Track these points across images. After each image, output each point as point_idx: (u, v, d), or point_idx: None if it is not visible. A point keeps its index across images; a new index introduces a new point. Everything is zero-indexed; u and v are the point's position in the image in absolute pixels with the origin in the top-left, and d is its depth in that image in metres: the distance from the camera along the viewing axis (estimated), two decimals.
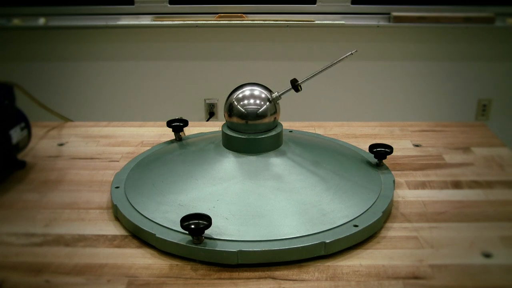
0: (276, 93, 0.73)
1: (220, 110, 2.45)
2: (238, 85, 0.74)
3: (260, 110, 0.72)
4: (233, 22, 2.33)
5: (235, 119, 0.72)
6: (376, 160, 0.76)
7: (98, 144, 0.89)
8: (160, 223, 0.61)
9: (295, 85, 0.72)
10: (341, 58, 0.72)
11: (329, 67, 0.73)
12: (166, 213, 0.62)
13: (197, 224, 0.56)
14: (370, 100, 2.41)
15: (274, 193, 0.65)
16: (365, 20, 2.35)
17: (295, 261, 0.57)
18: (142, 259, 0.58)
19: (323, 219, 0.61)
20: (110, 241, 0.62)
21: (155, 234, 0.59)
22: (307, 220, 0.61)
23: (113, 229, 0.64)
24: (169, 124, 0.85)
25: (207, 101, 2.44)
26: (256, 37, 2.39)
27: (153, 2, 2.35)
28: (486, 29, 2.31)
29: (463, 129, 0.95)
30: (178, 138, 0.85)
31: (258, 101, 0.72)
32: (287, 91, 0.73)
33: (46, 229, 0.64)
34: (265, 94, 0.73)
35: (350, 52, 0.73)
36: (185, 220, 0.57)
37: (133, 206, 0.65)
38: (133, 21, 2.34)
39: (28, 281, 0.55)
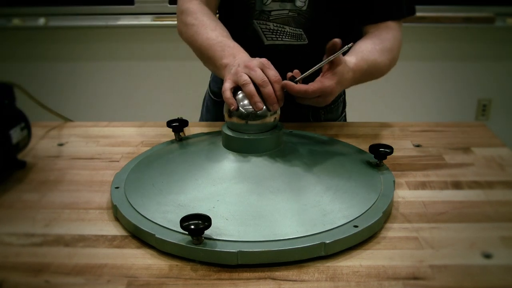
0: None
1: None
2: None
3: (260, 111, 0.71)
4: None
5: (235, 119, 0.72)
6: (376, 161, 0.76)
7: (98, 144, 0.89)
8: (160, 224, 0.61)
9: (295, 82, 0.72)
10: (337, 53, 0.72)
11: (325, 62, 0.73)
12: (166, 214, 0.62)
13: (197, 224, 0.56)
14: (370, 100, 2.41)
15: (274, 194, 0.65)
16: None
17: (295, 262, 0.57)
18: (142, 260, 0.58)
19: (323, 220, 0.61)
20: (110, 241, 0.62)
21: (155, 235, 0.59)
22: (307, 221, 0.61)
23: (113, 229, 0.64)
24: (169, 124, 0.85)
25: None
26: None
27: (153, 2, 2.35)
28: (486, 29, 2.31)
29: (463, 129, 0.95)
30: (178, 138, 0.85)
31: None
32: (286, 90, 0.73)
33: (46, 229, 0.64)
34: None
35: (347, 46, 0.73)
36: (185, 221, 0.57)
37: (133, 207, 0.65)
38: (133, 21, 2.34)
39: (28, 281, 0.55)
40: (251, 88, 0.70)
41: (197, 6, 0.92)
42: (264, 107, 0.71)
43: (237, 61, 0.76)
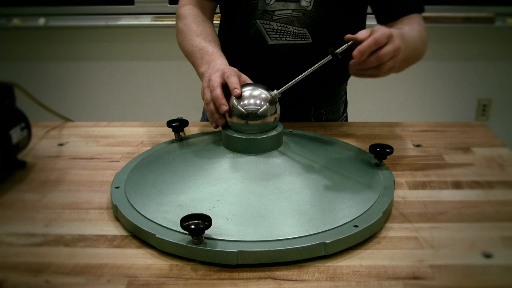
0: (275, 91, 0.73)
1: None
2: None
3: (260, 110, 0.72)
4: None
5: (235, 119, 0.72)
6: (376, 160, 0.76)
7: (98, 144, 0.89)
8: (160, 223, 0.61)
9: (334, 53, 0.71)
10: (338, 50, 0.72)
11: (320, 65, 0.73)
12: (166, 213, 0.62)
13: (197, 224, 0.56)
14: (371, 100, 2.41)
15: (274, 193, 0.65)
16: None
17: (295, 262, 0.57)
18: (142, 259, 0.58)
19: (323, 220, 0.61)
20: (110, 241, 0.62)
21: (155, 234, 0.59)
22: (307, 220, 0.61)
23: (113, 229, 0.64)
24: (169, 124, 0.85)
25: None
26: None
27: (153, 2, 2.35)
28: (486, 29, 2.31)
29: (463, 129, 0.95)
30: (178, 138, 0.85)
31: (258, 101, 0.72)
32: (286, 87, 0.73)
33: (46, 229, 0.64)
34: (265, 94, 0.73)
35: (346, 44, 0.73)
36: (185, 220, 0.57)
37: (133, 206, 0.65)
38: (133, 21, 2.34)
39: (28, 281, 0.55)
40: (210, 107, 0.75)
41: (189, 11, 0.94)
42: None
43: (210, 70, 0.80)
